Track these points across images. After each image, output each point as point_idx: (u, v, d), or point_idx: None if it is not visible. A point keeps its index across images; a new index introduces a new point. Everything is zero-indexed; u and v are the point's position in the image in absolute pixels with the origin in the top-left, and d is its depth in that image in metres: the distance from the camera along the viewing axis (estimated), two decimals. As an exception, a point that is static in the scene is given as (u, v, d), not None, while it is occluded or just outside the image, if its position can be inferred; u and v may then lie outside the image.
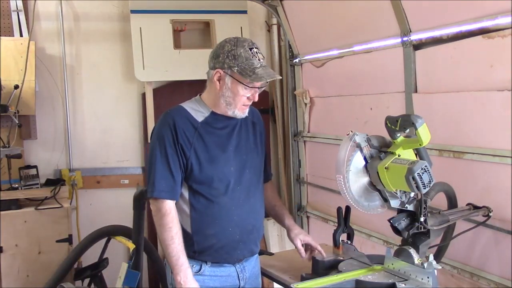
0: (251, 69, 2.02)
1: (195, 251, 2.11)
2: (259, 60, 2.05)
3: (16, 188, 3.51)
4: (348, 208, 2.25)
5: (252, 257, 2.28)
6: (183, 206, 2.12)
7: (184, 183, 2.11)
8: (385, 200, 1.96)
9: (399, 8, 2.61)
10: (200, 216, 2.10)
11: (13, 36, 3.68)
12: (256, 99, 2.11)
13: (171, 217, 2.05)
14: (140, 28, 3.86)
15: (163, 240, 2.04)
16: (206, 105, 2.15)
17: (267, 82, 2.09)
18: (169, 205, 2.06)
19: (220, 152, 2.12)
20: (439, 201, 2.16)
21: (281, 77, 2.19)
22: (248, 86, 2.05)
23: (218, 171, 2.10)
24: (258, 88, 2.08)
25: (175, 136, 2.06)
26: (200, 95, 2.21)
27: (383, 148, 1.97)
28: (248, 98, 2.09)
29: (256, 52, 2.06)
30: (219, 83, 2.07)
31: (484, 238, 2.31)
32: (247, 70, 2.02)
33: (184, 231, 2.09)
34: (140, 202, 2.95)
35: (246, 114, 2.16)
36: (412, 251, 1.91)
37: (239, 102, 2.09)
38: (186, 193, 2.11)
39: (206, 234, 2.10)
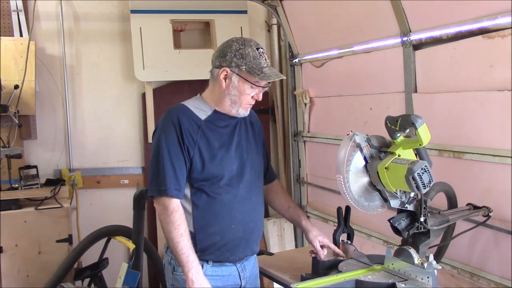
0: (258, 68, 2.05)
1: (197, 250, 2.09)
2: (265, 60, 2.09)
3: (16, 188, 3.51)
4: (348, 208, 2.25)
5: (252, 257, 2.28)
6: (185, 205, 2.11)
7: (186, 182, 2.11)
8: (385, 200, 1.96)
9: (399, 8, 2.61)
10: (203, 214, 2.10)
11: (13, 36, 3.68)
12: (260, 98, 2.14)
13: (179, 215, 2.04)
14: (140, 28, 3.86)
15: (172, 239, 2.02)
16: (208, 103, 2.16)
17: (269, 82, 2.12)
18: (176, 203, 2.05)
19: (222, 150, 2.13)
20: (439, 201, 2.16)
21: (285, 77, 2.23)
22: (255, 85, 2.07)
23: (220, 168, 2.11)
24: (263, 87, 2.10)
25: (180, 133, 2.06)
26: (201, 94, 2.21)
27: (383, 148, 1.97)
28: (252, 97, 2.11)
29: (262, 52, 2.10)
30: (226, 81, 2.08)
31: (484, 238, 2.31)
32: (255, 69, 2.05)
33: None
34: (140, 202, 2.95)
35: (248, 112, 2.18)
36: (412, 251, 1.91)
37: (244, 101, 2.11)
38: (188, 192, 2.11)
39: (208, 232, 2.10)
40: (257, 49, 2.08)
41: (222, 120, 2.16)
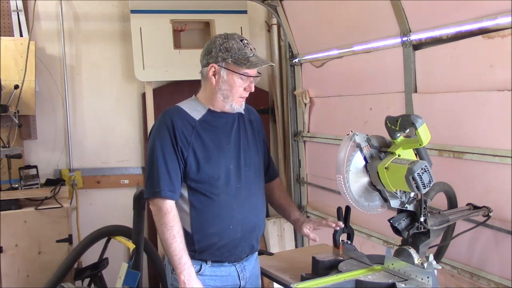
0: (244, 58, 2.05)
1: (195, 251, 2.10)
2: (250, 49, 2.09)
3: (16, 188, 3.51)
4: (348, 208, 2.24)
5: (252, 257, 2.27)
6: (182, 206, 2.11)
7: (183, 183, 2.11)
8: (385, 200, 1.96)
9: (399, 8, 2.62)
10: (201, 215, 2.09)
11: (13, 36, 3.68)
12: (253, 89, 2.13)
13: (172, 216, 2.04)
14: (140, 28, 3.86)
15: (165, 240, 2.03)
16: (203, 103, 2.16)
17: (260, 73, 2.11)
18: (170, 204, 2.05)
19: (218, 149, 2.12)
20: (439, 201, 2.16)
21: (273, 64, 2.23)
22: (244, 75, 2.07)
23: (217, 168, 2.10)
24: (253, 77, 2.10)
25: (174, 135, 2.06)
26: (195, 95, 2.21)
27: (383, 148, 1.97)
28: (244, 89, 2.11)
29: (247, 43, 2.10)
30: (215, 77, 2.09)
31: (484, 238, 2.31)
32: (241, 60, 2.05)
33: (184, 231, 2.08)
34: (140, 202, 2.95)
35: (243, 107, 2.17)
36: (412, 251, 1.91)
37: (236, 94, 2.10)
38: (185, 193, 2.11)
39: (207, 233, 2.10)
40: (241, 40, 2.08)
41: (217, 119, 2.15)
